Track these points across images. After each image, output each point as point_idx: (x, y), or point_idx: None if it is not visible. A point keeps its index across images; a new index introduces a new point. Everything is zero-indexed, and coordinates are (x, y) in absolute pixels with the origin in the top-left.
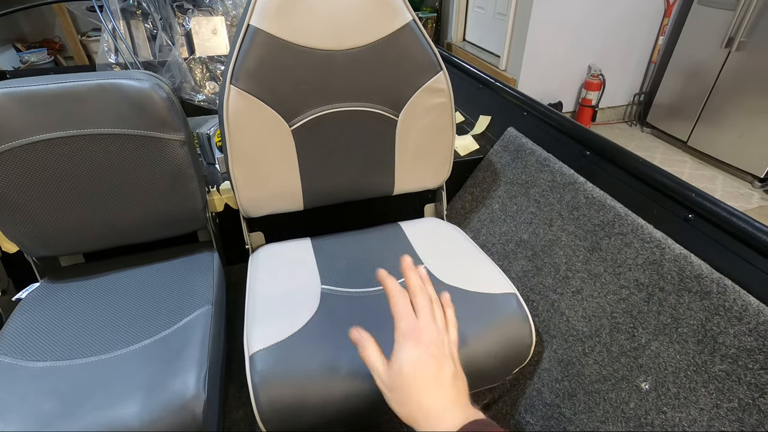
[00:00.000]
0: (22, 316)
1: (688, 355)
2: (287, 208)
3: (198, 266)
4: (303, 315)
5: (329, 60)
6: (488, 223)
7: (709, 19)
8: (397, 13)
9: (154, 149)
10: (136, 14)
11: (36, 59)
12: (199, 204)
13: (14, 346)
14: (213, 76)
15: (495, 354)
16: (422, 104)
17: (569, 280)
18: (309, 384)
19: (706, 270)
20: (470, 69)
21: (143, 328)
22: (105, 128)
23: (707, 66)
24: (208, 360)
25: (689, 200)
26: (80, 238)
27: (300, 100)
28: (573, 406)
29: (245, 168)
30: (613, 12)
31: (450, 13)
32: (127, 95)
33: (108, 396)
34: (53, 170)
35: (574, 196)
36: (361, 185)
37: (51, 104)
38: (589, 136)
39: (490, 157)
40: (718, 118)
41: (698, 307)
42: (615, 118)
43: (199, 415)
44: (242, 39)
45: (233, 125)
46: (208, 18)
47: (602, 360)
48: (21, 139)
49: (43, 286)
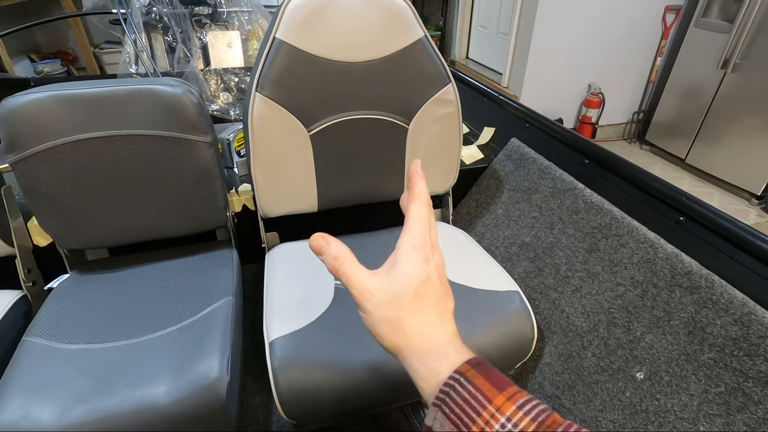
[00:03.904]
0: (54, 304)
1: (679, 346)
2: (302, 209)
3: (218, 262)
4: (318, 307)
5: (347, 71)
6: (492, 227)
7: (706, 41)
8: (410, 29)
9: (183, 150)
10: (156, 27)
11: (50, 70)
12: (221, 202)
13: (49, 330)
14: (227, 87)
15: (499, 348)
16: (432, 114)
17: (569, 279)
18: (324, 370)
19: (696, 267)
20: (475, 83)
21: (168, 316)
22: (140, 129)
23: (704, 86)
24: (230, 346)
25: (680, 204)
26: (110, 232)
27: (318, 107)
28: (573, 396)
29: (266, 169)
30: (612, 33)
31: (453, 31)
32: (161, 99)
33: (138, 376)
34: (90, 167)
35: (573, 201)
36: (372, 189)
37: (93, 106)
38: (587, 145)
39: (494, 166)
40: (715, 137)
41: (688, 301)
42: (614, 136)
43: (223, 395)
44: (268, 50)
45: (257, 129)
46: (224, 32)
47: (600, 353)
48: (64, 138)
49: (73, 277)
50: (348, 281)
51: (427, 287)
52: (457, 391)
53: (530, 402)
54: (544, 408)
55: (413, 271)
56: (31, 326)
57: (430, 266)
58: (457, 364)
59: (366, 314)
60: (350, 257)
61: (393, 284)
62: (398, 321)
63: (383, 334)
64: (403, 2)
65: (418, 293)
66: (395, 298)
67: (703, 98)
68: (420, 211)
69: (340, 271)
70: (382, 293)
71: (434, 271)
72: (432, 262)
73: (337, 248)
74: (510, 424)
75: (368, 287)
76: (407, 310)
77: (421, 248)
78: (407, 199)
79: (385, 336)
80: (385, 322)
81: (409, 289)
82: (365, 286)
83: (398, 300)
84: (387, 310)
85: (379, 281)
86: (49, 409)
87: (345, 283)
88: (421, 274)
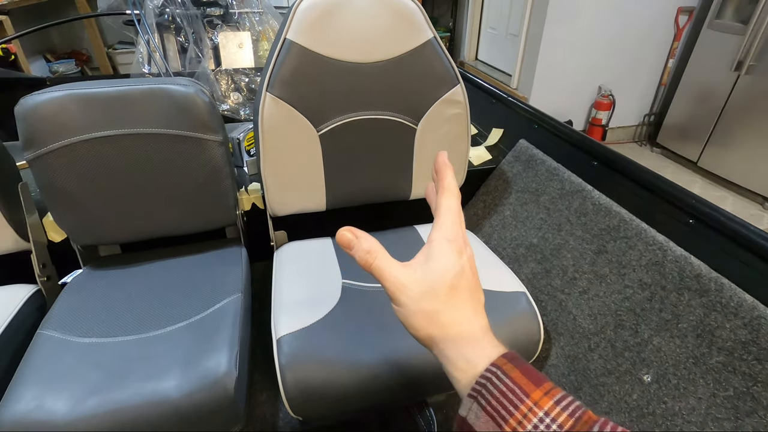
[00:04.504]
0: (68, 298)
1: (687, 349)
2: (311, 208)
3: (227, 259)
4: (326, 305)
5: (356, 71)
6: (500, 228)
7: (719, 43)
8: (420, 30)
9: (194, 148)
10: (169, 28)
11: (64, 69)
12: (231, 201)
13: (63, 324)
14: (237, 88)
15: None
16: (440, 114)
17: (576, 281)
18: (331, 368)
19: (705, 270)
20: (484, 85)
21: (179, 312)
22: (153, 128)
23: (717, 88)
24: (238, 342)
25: (689, 206)
26: (122, 228)
27: (328, 107)
28: (579, 398)
29: (275, 168)
30: (624, 35)
31: (463, 32)
32: (174, 99)
33: (149, 369)
34: (105, 164)
35: (582, 202)
36: (380, 189)
37: (107, 105)
38: (596, 147)
39: (502, 167)
40: (728, 140)
41: (697, 303)
42: (625, 138)
43: (231, 390)
44: (279, 51)
45: (267, 129)
46: (235, 33)
47: (607, 355)
48: (79, 136)
49: (86, 272)
50: (381, 275)
51: (462, 279)
52: (494, 383)
53: (566, 398)
54: (580, 404)
55: (448, 263)
56: (45, 320)
57: (464, 258)
58: (494, 357)
59: (401, 307)
60: (383, 251)
61: (428, 276)
62: (434, 313)
63: (418, 326)
64: (413, 4)
65: (454, 285)
66: (431, 290)
67: (715, 101)
68: (450, 203)
69: (374, 265)
70: (417, 285)
71: (467, 264)
72: (465, 255)
73: (368, 243)
74: (548, 418)
75: (403, 280)
76: (444, 302)
77: (454, 241)
78: (433, 191)
79: (421, 328)
80: (420, 315)
81: (445, 281)
82: (401, 279)
83: (434, 292)
84: (423, 302)
85: (413, 274)
86: (63, 401)
87: (378, 277)
88: (456, 266)
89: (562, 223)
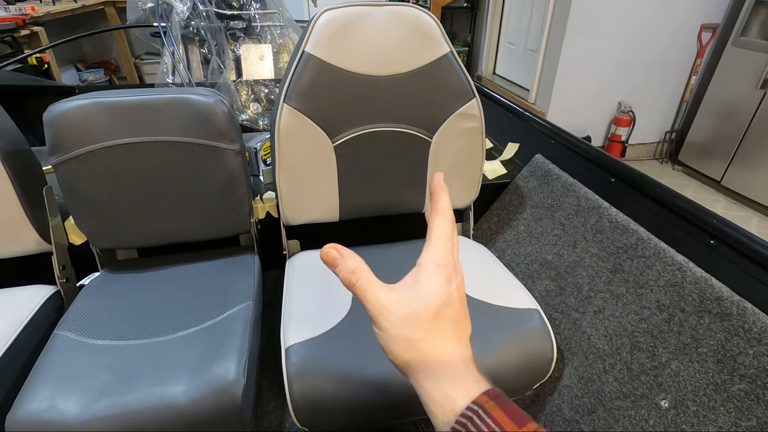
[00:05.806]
0: (85, 300)
1: (707, 374)
2: (324, 218)
3: (240, 267)
4: (335, 316)
5: (372, 84)
6: (513, 243)
7: (744, 60)
8: (437, 44)
9: (213, 157)
10: (193, 40)
11: (94, 78)
12: (246, 208)
13: (78, 325)
14: (257, 98)
15: (516, 366)
16: (455, 128)
17: (591, 299)
18: (338, 379)
19: (727, 293)
20: (501, 99)
21: (191, 317)
22: (174, 136)
23: (742, 106)
24: (247, 350)
25: (710, 226)
26: (140, 233)
27: (343, 119)
28: (592, 422)
29: (290, 178)
30: (645, 51)
31: (481, 47)
32: (194, 108)
33: (159, 374)
34: (125, 170)
35: (598, 219)
36: (393, 201)
37: (131, 113)
38: (614, 164)
39: (518, 182)
40: (753, 159)
41: (718, 328)
42: (645, 155)
43: (239, 397)
44: (297, 63)
45: (283, 139)
46: (256, 45)
47: (622, 377)
48: (103, 142)
49: (103, 275)
50: (364, 296)
51: (448, 308)
52: (475, 423)
53: None
54: None
55: (435, 289)
56: (62, 320)
57: (452, 286)
58: (475, 395)
59: (381, 331)
60: (367, 271)
61: (413, 302)
62: (415, 341)
63: (397, 352)
64: (430, 18)
65: (439, 314)
66: (414, 316)
67: (740, 118)
68: (443, 226)
69: (357, 285)
70: (400, 310)
71: (455, 292)
72: (454, 282)
73: (353, 262)
74: None
75: (385, 303)
76: (426, 330)
77: (444, 266)
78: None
79: (399, 355)
80: (400, 341)
81: (430, 308)
82: (382, 302)
83: (417, 319)
84: (404, 328)
85: (397, 297)
86: (74, 402)
87: (360, 298)
88: (443, 294)
89: (577, 240)
